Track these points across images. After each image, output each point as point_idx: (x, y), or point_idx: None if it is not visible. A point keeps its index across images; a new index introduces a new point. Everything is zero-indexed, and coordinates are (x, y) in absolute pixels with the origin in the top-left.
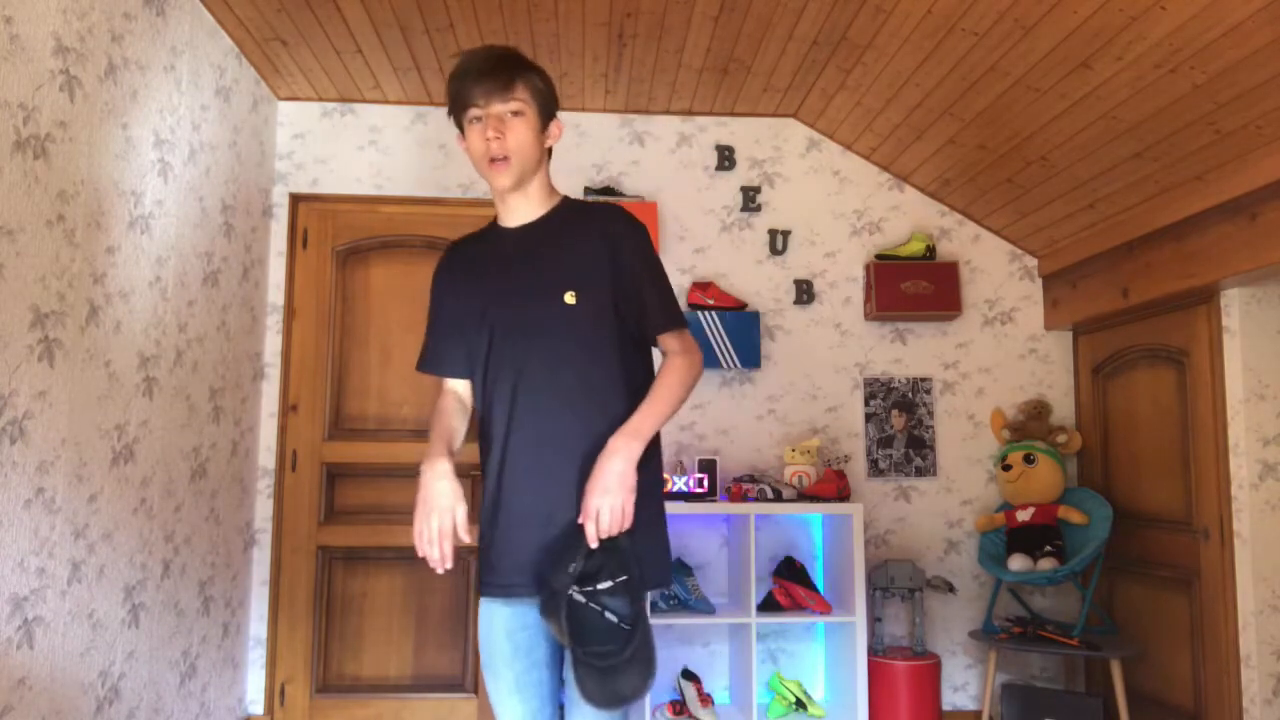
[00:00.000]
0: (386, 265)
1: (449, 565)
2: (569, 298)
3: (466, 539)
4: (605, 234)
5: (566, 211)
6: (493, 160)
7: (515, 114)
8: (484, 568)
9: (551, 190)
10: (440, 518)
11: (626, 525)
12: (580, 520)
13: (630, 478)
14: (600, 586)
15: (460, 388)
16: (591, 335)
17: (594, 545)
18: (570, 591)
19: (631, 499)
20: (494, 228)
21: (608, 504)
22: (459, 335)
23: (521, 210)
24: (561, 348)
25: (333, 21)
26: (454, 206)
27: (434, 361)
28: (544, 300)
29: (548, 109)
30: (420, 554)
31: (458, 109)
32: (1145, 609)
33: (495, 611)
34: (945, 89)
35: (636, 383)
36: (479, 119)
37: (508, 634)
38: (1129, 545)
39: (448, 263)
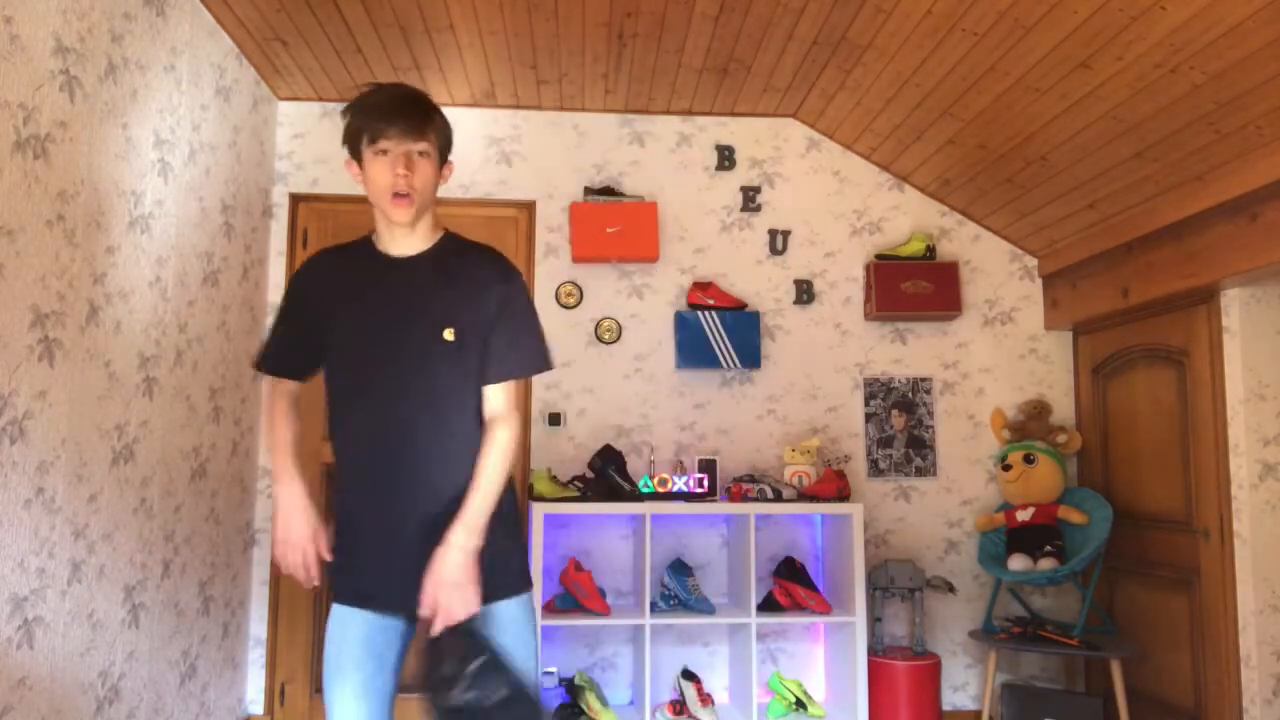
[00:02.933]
0: None
1: (315, 584)
2: (448, 334)
3: (328, 558)
4: (477, 278)
5: (449, 248)
6: (397, 195)
7: (422, 154)
8: (339, 573)
9: (435, 225)
10: (305, 552)
11: (474, 611)
12: (422, 611)
13: (471, 568)
14: (469, 670)
15: (294, 389)
16: (462, 372)
17: (436, 633)
18: (453, 698)
19: (474, 588)
20: (371, 249)
21: (456, 597)
22: (311, 341)
23: (406, 242)
24: (434, 381)
25: (333, 21)
26: (454, 206)
27: (278, 363)
28: (425, 333)
29: (446, 152)
30: (285, 573)
31: (364, 140)
32: (1145, 609)
33: (350, 616)
34: (945, 89)
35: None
36: (385, 153)
37: (363, 639)
38: (1129, 545)
39: (316, 271)
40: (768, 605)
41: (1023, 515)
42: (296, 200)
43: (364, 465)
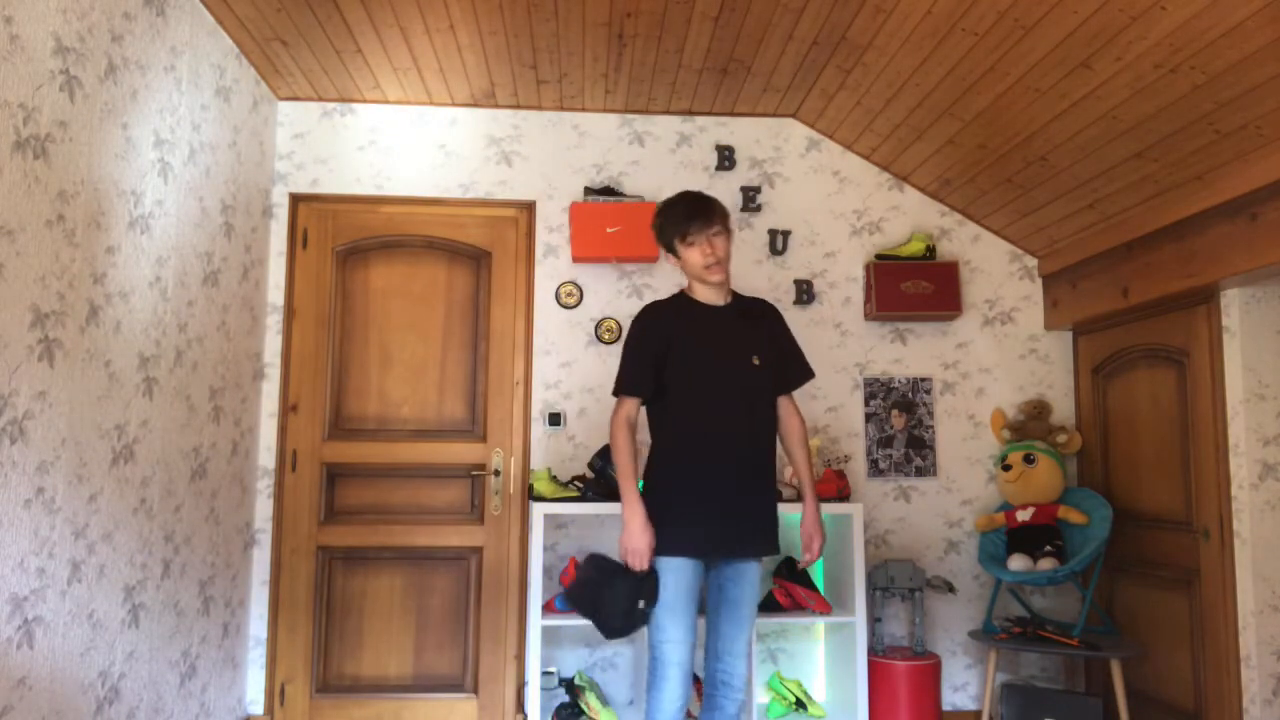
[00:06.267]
0: (386, 265)
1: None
2: (755, 360)
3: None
4: (769, 321)
5: (741, 301)
6: (708, 266)
7: (716, 234)
8: (678, 534)
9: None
10: (647, 556)
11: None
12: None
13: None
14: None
15: (635, 415)
16: (767, 386)
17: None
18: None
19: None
20: (695, 303)
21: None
22: (660, 370)
23: (721, 295)
24: (754, 394)
25: (333, 21)
26: (454, 206)
27: (647, 388)
28: (744, 360)
29: (729, 226)
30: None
31: (678, 236)
32: (1145, 609)
33: (683, 566)
34: (945, 89)
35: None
36: (693, 243)
37: (691, 586)
38: (1129, 545)
39: (662, 316)
40: (768, 605)
41: (1023, 515)
42: (296, 200)
43: (709, 451)
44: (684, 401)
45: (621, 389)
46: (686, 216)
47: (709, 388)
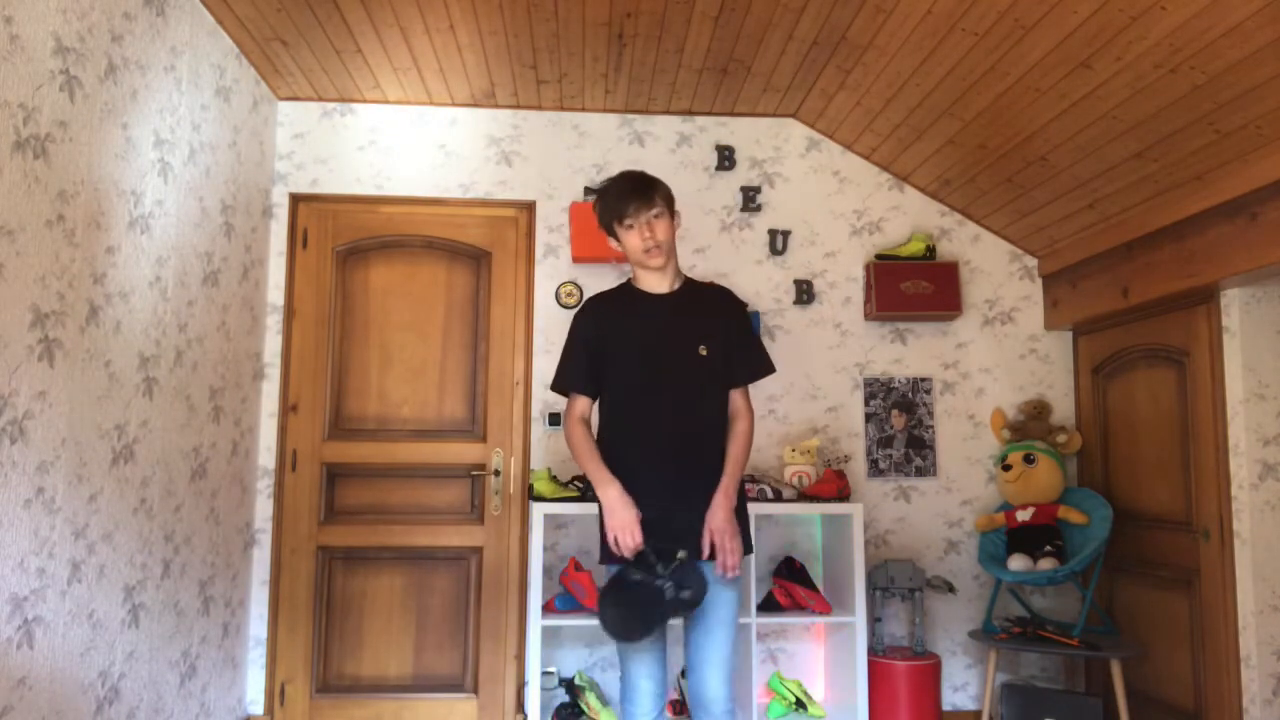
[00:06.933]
0: (386, 265)
1: (641, 548)
2: (702, 349)
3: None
4: (723, 310)
5: (693, 288)
6: (647, 250)
7: (657, 216)
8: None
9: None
10: (633, 532)
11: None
12: (706, 553)
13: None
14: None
15: (589, 409)
16: (716, 378)
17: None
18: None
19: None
20: (638, 291)
21: (737, 542)
22: (598, 363)
23: (665, 282)
24: (699, 386)
25: (333, 21)
26: (454, 206)
27: (582, 383)
28: (687, 349)
29: (672, 208)
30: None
31: (615, 219)
32: (1145, 609)
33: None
34: (945, 89)
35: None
36: (631, 226)
37: None
38: (1129, 545)
39: (599, 308)
40: (768, 605)
41: (1023, 515)
42: (296, 200)
43: (648, 447)
44: (622, 395)
45: (554, 383)
46: (624, 197)
47: (647, 380)
